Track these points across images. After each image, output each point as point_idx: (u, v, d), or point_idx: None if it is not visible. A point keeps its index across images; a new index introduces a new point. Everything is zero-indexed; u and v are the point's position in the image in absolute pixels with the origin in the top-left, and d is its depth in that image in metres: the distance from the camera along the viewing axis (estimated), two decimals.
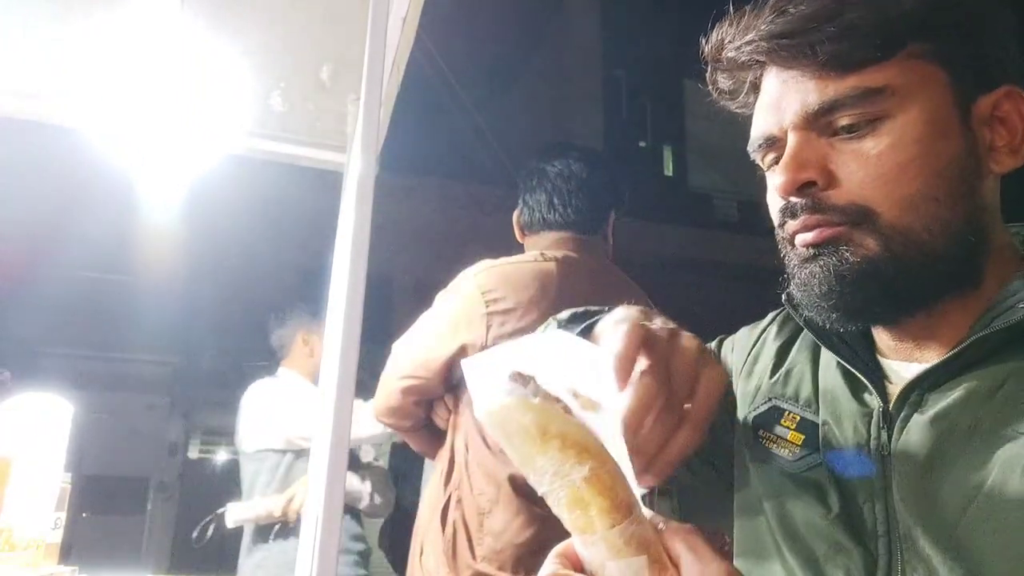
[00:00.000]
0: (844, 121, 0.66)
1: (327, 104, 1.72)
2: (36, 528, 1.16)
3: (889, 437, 0.66)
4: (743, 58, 0.72)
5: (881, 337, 0.75)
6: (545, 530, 1.49)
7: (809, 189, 0.67)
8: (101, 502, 7.80)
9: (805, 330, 0.80)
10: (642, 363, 0.61)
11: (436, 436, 1.73)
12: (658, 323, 0.66)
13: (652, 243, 10.29)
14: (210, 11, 1.51)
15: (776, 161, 0.71)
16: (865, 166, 0.65)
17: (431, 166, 10.38)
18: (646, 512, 0.50)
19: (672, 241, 10.68)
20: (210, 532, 2.52)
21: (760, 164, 0.76)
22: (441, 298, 1.73)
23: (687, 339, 0.66)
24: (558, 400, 0.51)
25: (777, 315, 0.90)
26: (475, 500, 1.56)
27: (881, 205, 0.64)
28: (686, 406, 0.63)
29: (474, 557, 1.52)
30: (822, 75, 0.66)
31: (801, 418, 0.76)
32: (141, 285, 8.86)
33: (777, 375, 0.82)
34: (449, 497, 1.60)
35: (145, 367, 9.21)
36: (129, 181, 2.02)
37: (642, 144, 11.73)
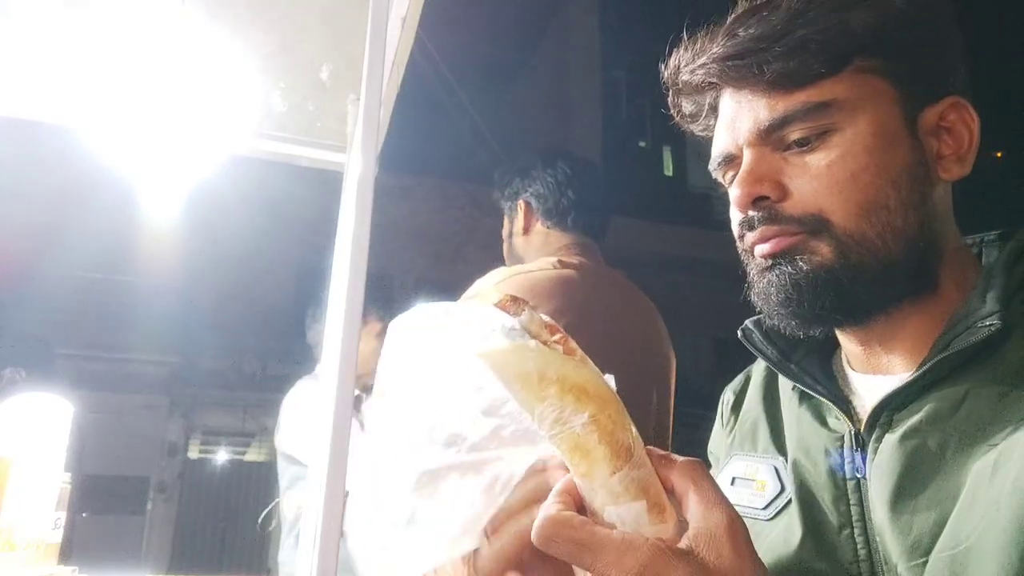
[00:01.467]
0: (795, 135, 0.68)
1: (327, 104, 1.72)
2: (36, 528, 1.16)
3: (863, 460, 0.67)
4: (697, 80, 0.74)
5: (847, 344, 0.76)
6: None
7: (764, 202, 0.69)
8: (101, 502, 7.80)
9: (753, 375, 0.83)
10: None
11: None
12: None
13: (652, 243, 10.30)
14: (210, 11, 1.51)
15: (735, 178, 0.72)
16: (818, 177, 0.67)
17: (431, 166, 10.40)
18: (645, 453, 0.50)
19: (672, 241, 10.68)
20: (274, 521, 2.49)
21: (721, 181, 0.78)
22: None
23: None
24: (555, 331, 0.51)
25: (728, 388, 0.93)
26: None
27: (835, 214, 0.66)
28: None
29: None
30: (772, 93, 0.68)
31: (761, 465, 0.77)
32: (141, 285, 8.87)
33: (733, 433, 0.85)
34: None
35: (145, 367, 9.21)
36: (129, 182, 2.02)
37: (642, 144, 11.74)
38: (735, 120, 0.72)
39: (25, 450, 1.17)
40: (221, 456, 10.21)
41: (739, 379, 0.92)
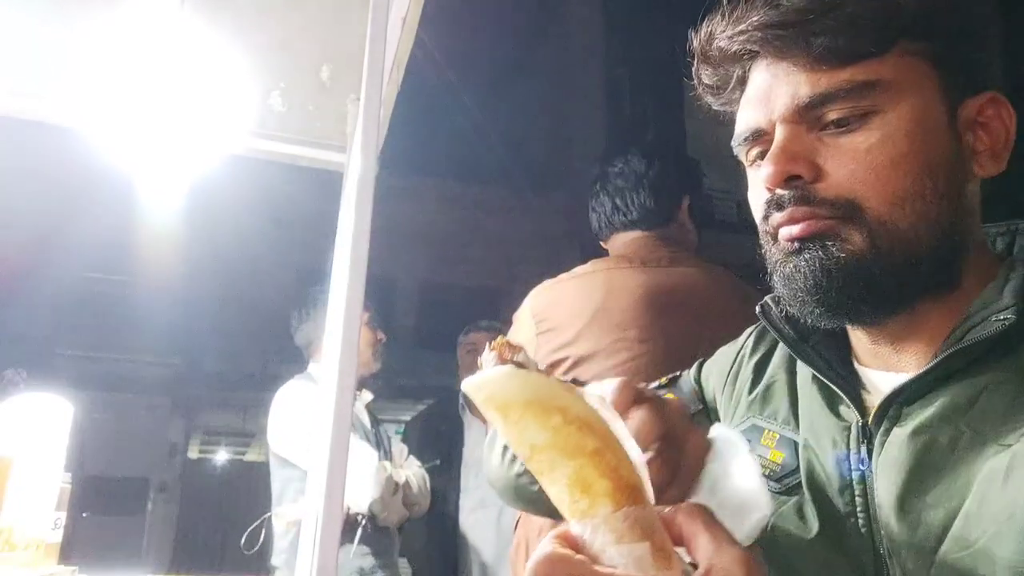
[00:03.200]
0: (834, 115, 0.65)
1: (327, 104, 1.72)
2: (36, 528, 1.16)
3: (869, 452, 0.66)
4: (735, 48, 0.71)
5: (859, 340, 0.74)
6: None
7: (797, 181, 0.66)
8: (101, 502, 7.81)
9: (781, 343, 0.79)
10: (640, 407, 0.62)
11: None
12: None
13: None
14: (210, 11, 1.51)
15: (761, 156, 0.70)
16: (855, 160, 0.64)
17: (431, 166, 10.39)
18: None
19: None
20: (262, 537, 2.47)
21: (743, 159, 0.74)
22: (513, 320, 1.81)
23: (675, 402, 0.69)
24: (552, 372, 0.49)
25: (753, 331, 0.89)
26: (534, 521, 1.65)
27: (870, 200, 0.64)
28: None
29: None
30: (815, 67, 0.65)
31: (780, 436, 0.75)
32: (142, 286, 8.87)
33: (755, 392, 0.81)
34: (520, 515, 1.73)
35: (146, 368, 9.21)
36: (129, 182, 2.02)
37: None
38: (770, 93, 0.68)
39: (25, 450, 1.17)
40: (221, 456, 10.22)
41: (769, 337, 0.86)
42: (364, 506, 2.26)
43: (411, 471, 2.43)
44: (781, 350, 0.82)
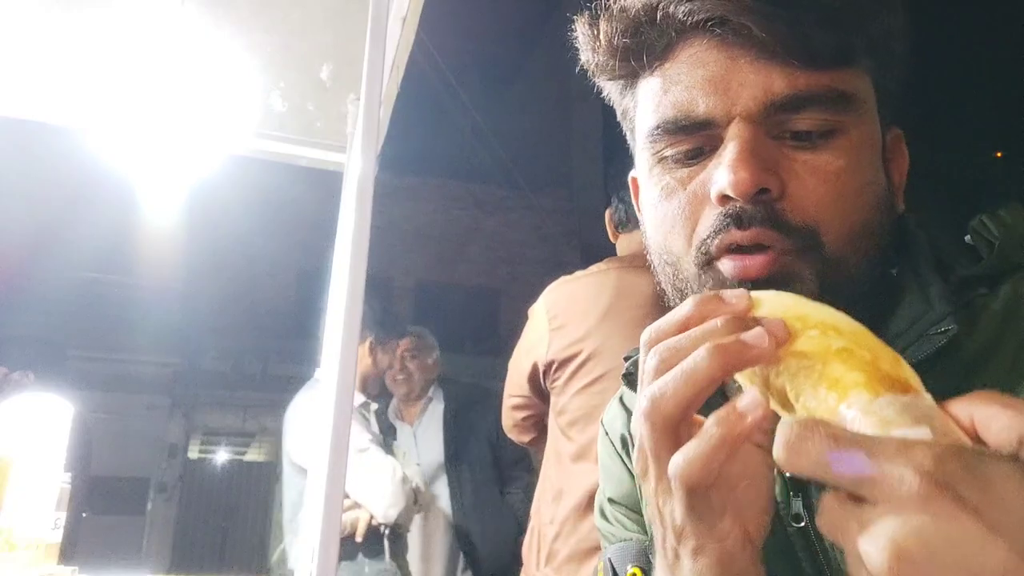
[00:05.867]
0: (803, 125, 0.55)
1: (327, 104, 1.72)
2: (36, 528, 1.16)
3: (806, 505, 0.56)
4: (696, 18, 0.57)
5: None
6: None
7: (764, 196, 0.54)
8: (101, 502, 7.81)
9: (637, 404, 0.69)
10: None
11: None
12: None
13: None
14: (210, 12, 1.51)
15: (694, 156, 0.58)
16: (825, 183, 0.54)
17: (431, 166, 10.40)
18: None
19: None
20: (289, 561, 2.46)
21: (652, 151, 0.60)
22: (528, 315, 1.84)
23: None
24: None
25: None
26: (545, 513, 1.67)
27: (831, 232, 0.54)
28: None
29: (538, 565, 1.65)
30: (792, 64, 0.55)
31: None
32: (142, 286, 8.87)
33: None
34: (532, 506, 1.77)
35: (146, 368, 9.21)
36: (129, 182, 2.03)
37: None
38: (730, 80, 0.56)
39: (25, 450, 1.17)
40: (221, 456, 10.22)
41: (616, 411, 0.76)
42: (392, 517, 2.24)
43: (410, 471, 2.43)
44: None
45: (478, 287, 10.57)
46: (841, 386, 0.38)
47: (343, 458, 0.93)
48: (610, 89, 0.68)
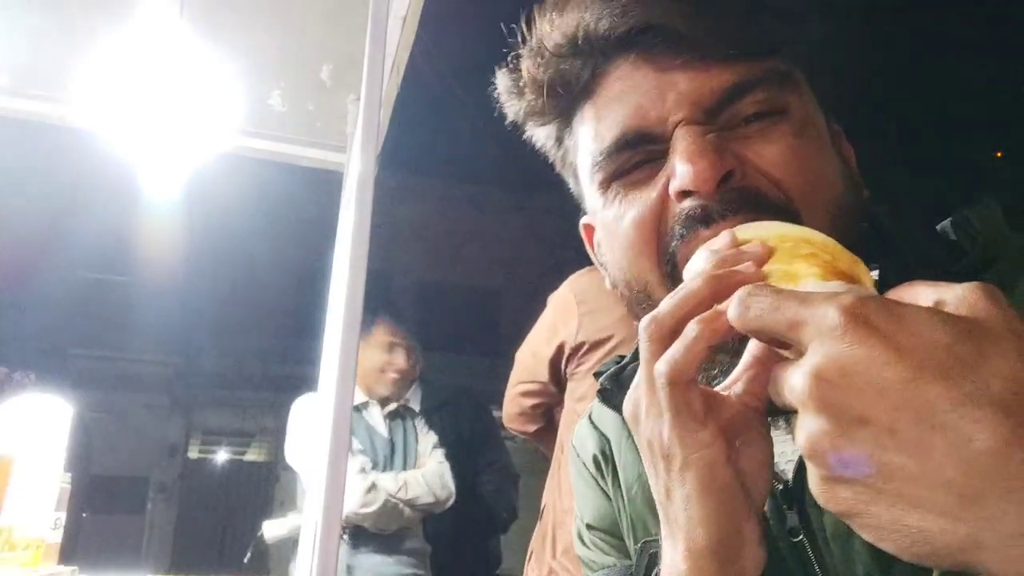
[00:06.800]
0: (749, 109, 0.54)
1: (327, 104, 1.72)
2: (36, 528, 1.16)
3: (802, 518, 0.54)
4: (619, 32, 0.55)
5: None
6: None
7: (729, 182, 0.52)
8: (101, 502, 7.81)
9: (608, 427, 0.67)
10: None
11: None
12: None
13: None
14: (211, 10, 1.51)
15: (644, 175, 0.56)
16: (785, 153, 0.53)
17: (431, 166, 10.40)
18: None
19: None
20: (251, 551, 2.47)
21: (599, 184, 0.58)
22: (549, 303, 1.86)
23: None
24: None
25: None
26: (559, 505, 1.69)
27: (804, 203, 0.53)
28: None
29: (553, 555, 1.67)
30: (723, 57, 0.54)
31: None
32: (142, 286, 8.87)
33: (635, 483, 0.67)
34: (545, 501, 1.78)
35: (145, 367, 9.22)
36: (130, 182, 2.03)
37: None
38: (662, 91, 0.54)
39: (25, 450, 1.18)
40: (221, 456, 10.22)
41: (587, 432, 0.73)
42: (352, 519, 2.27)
43: (409, 473, 2.37)
44: (621, 429, 0.68)
45: (477, 287, 10.58)
46: (797, 278, 0.42)
47: (343, 458, 0.93)
48: (545, 138, 0.66)
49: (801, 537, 0.54)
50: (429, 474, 2.36)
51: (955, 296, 0.34)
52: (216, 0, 1.51)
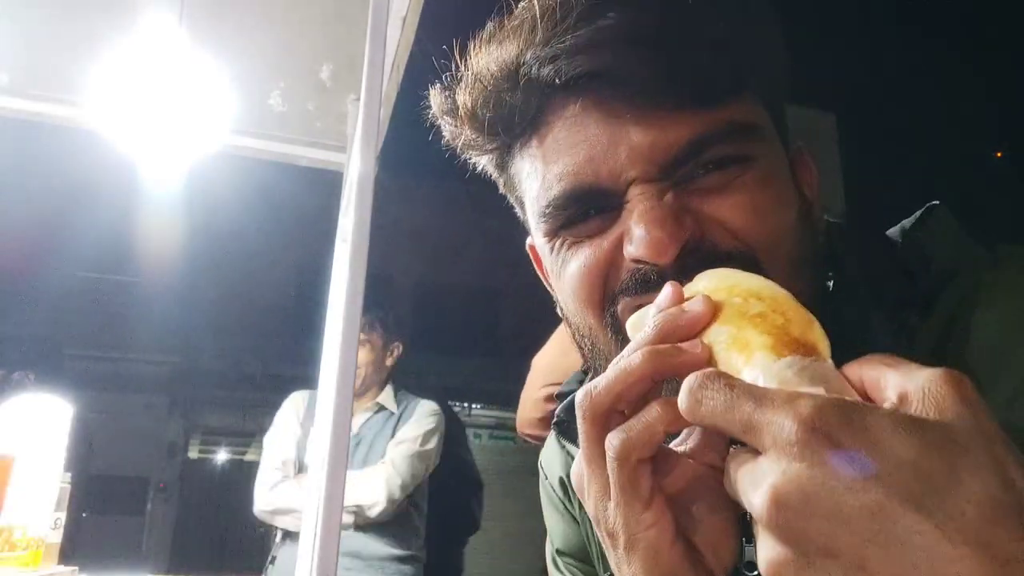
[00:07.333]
0: (712, 159, 0.51)
1: (327, 104, 1.72)
2: (36, 528, 1.16)
3: None
4: (565, 77, 0.52)
5: None
6: None
7: (685, 246, 0.50)
8: (101, 502, 7.81)
9: None
10: None
11: None
12: None
13: None
14: (211, 12, 1.51)
15: (593, 227, 0.53)
16: (743, 209, 0.51)
17: (431, 166, 10.40)
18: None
19: None
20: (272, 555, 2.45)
21: (546, 232, 0.56)
22: None
23: None
24: None
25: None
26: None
27: (762, 252, 0.51)
28: None
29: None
30: (679, 108, 0.51)
31: None
32: (141, 285, 8.87)
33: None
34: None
35: (145, 367, 9.22)
36: (129, 182, 2.03)
37: None
38: (616, 145, 0.51)
39: (25, 450, 1.18)
40: (221, 456, 10.22)
41: (554, 452, 0.72)
42: (258, 511, 2.30)
43: (372, 468, 2.26)
44: None
45: (477, 288, 10.58)
46: (749, 349, 0.39)
47: (343, 457, 0.93)
48: (486, 164, 0.64)
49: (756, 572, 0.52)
50: (360, 477, 2.22)
51: (920, 390, 0.33)
52: (216, 2, 1.51)
